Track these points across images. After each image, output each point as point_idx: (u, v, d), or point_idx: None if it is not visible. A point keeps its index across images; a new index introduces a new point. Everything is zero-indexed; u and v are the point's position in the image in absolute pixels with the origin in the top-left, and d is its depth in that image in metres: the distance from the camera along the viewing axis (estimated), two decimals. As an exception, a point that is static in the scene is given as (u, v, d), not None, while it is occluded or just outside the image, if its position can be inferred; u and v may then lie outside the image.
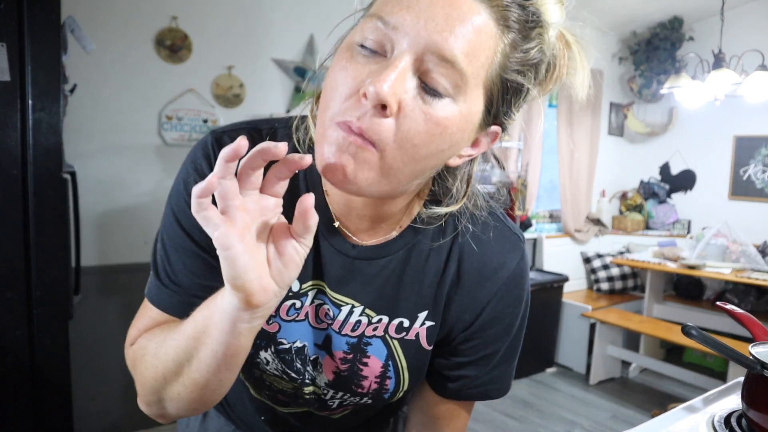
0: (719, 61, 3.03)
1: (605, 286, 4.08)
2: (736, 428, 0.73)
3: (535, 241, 4.04)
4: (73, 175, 1.85)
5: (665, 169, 4.56)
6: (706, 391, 0.88)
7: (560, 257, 4.07)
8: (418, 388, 0.77)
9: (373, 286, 0.67)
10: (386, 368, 0.70)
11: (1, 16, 1.53)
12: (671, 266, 3.45)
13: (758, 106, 3.56)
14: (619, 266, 4.10)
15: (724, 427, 0.73)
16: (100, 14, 2.28)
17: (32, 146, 1.61)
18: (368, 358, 0.69)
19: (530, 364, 3.61)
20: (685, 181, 4.45)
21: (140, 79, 2.42)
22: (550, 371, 3.73)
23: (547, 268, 3.94)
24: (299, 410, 0.79)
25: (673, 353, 3.98)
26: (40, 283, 1.66)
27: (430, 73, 0.50)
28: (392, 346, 0.69)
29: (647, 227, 4.52)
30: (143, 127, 2.47)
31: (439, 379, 0.74)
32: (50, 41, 1.61)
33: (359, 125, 0.49)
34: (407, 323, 0.68)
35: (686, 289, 3.98)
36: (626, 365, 3.73)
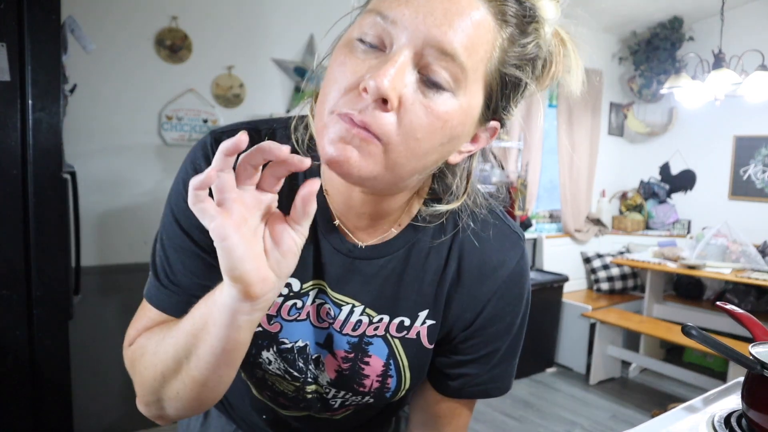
0: (719, 61, 3.03)
1: (605, 286, 4.08)
2: (736, 428, 0.73)
3: (535, 241, 4.04)
4: (73, 175, 1.85)
5: (665, 169, 4.56)
6: (706, 391, 0.88)
7: (560, 257, 4.07)
8: (419, 387, 0.77)
9: (373, 285, 0.67)
10: (387, 367, 0.70)
11: (1, 16, 1.53)
12: (671, 266, 3.45)
13: (758, 106, 3.56)
14: (619, 266, 4.10)
15: (724, 427, 0.73)
16: (99, 14, 2.28)
17: (32, 146, 1.61)
18: (369, 357, 0.69)
19: (530, 364, 3.61)
20: (685, 181, 4.45)
21: (140, 79, 2.42)
22: (550, 371, 3.73)
23: (547, 268, 3.94)
24: (300, 414, 0.79)
25: (673, 353, 3.98)
26: (40, 283, 1.66)
27: (429, 67, 0.50)
28: (393, 345, 0.69)
29: (647, 227, 4.52)
30: (143, 127, 2.47)
31: (440, 377, 0.74)
32: (50, 41, 1.61)
33: (362, 118, 0.49)
34: (408, 322, 0.68)
35: (686, 289, 3.98)
36: (626, 365, 3.73)
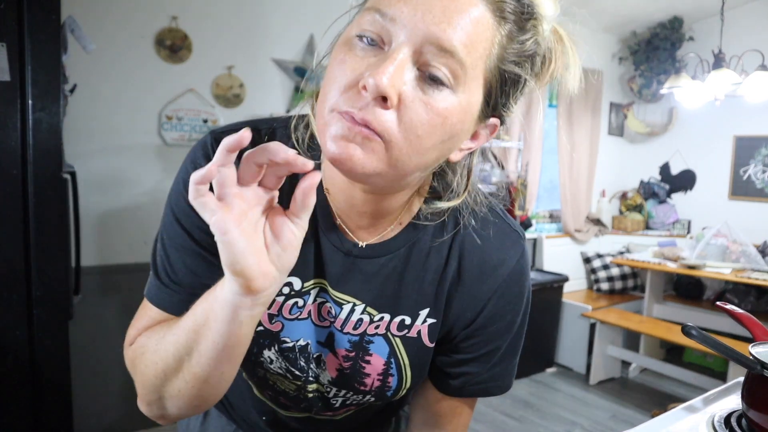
0: (719, 61, 3.03)
1: (605, 286, 4.08)
2: (736, 428, 0.73)
3: (535, 241, 4.04)
4: (73, 175, 1.85)
5: (665, 169, 4.56)
6: (706, 391, 0.88)
7: (560, 257, 4.07)
8: (420, 386, 0.77)
9: (373, 284, 0.67)
10: (388, 366, 0.70)
11: (1, 16, 1.53)
12: (671, 266, 3.45)
13: (758, 106, 3.56)
14: (619, 266, 4.10)
15: (724, 427, 0.73)
16: (100, 14, 2.28)
17: (32, 146, 1.61)
18: (370, 356, 0.69)
19: (530, 364, 3.61)
20: (685, 181, 4.45)
21: (140, 79, 2.42)
22: (550, 371, 3.73)
23: (547, 268, 3.94)
24: (301, 415, 0.79)
25: (673, 353, 3.98)
26: (40, 283, 1.66)
27: (429, 64, 0.50)
28: (394, 343, 0.69)
29: (647, 227, 4.52)
30: (143, 127, 2.47)
31: (440, 376, 0.74)
32: (50, 41, 1.61)
33: (362, 116, 0.50)
34: (409, 321, 0.69)
35: (686, 289, 3.98)
36: (626, 365, 3.73)
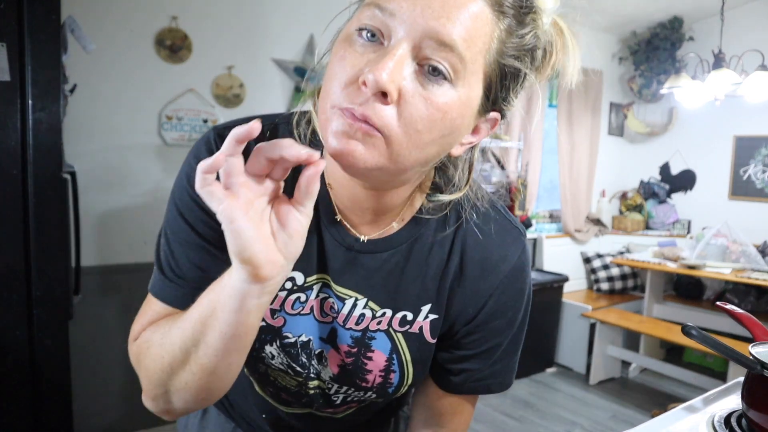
0: (719, 61, 3.03)
1: (605, 286, 4.08)
2: (736, 428, 0.73)
3: (535, 241, 4.04)
4: (73, 175, 1.85)
5: (665, 169, 4.56)
6: (706, 391, 0.88)
7: (560, 257, 4.07)
8: (421, 384, 0.77)
9: (375, 279, 0.67)
10: (390, 362, 0.70)
11: (1, 16, 1.53)
12: (671, 266, 3.45)
13: (758, 106, 3.56)
14: (619, 266, 4.10)
15: (724, 427, 0.73)
16: (99, 14, 2.28)
17: (32, 146, 1.61)
18: (372, 352, 0.69)
19: (530, 364, 3.61)
20: (685, 181, 4.45)
21: (140, 79, 2.42)
22: (550, 371, 3.73)
23: (547, 268, 3.94)
24: (301, 411, 0.79)
25: (673, 353, 3.98)
26: (40, 283, 1.66)
27: (428, 58, 0.50)
28: (396, 339, 0.69)
29: (647, 227, 4.52)
30: (143, 126, 2.47)
31: (442, 372, 0.74)
32: (50, 41, 1.61)
33: (362, 111, 0.50)
34: (411, 316, 0.69)
35: (686, 289, 3.98)
36: (626, 365, 3.73)
